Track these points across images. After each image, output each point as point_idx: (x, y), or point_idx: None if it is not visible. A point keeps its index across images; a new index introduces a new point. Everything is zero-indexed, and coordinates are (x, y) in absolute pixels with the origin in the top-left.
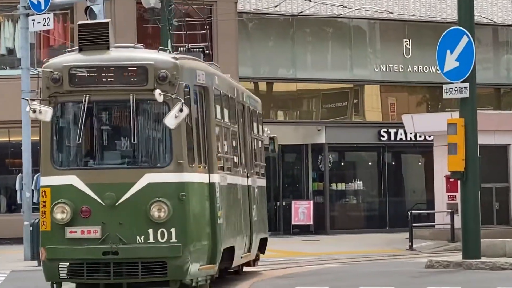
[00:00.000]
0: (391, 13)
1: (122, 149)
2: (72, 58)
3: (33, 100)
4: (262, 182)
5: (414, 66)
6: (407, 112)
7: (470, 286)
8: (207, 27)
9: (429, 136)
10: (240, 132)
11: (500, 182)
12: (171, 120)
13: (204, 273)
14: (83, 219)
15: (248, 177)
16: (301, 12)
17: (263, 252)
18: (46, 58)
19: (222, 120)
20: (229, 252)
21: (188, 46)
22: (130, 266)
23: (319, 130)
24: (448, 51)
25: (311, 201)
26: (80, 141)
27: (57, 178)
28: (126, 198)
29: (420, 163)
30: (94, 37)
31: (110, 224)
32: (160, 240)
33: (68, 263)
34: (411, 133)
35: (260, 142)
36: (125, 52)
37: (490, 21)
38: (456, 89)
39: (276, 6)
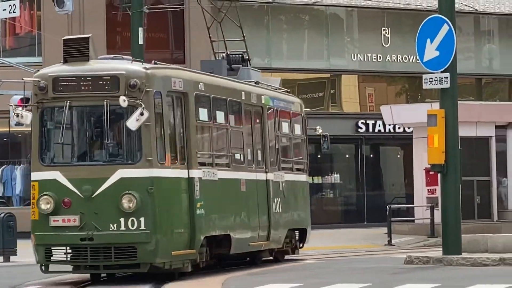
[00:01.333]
0: (369, 0)
1: (98, 148)
2: (56, 69)
3: (17, 106)
4: (295, 177)
5: (393, 56)
6: (385, 103)
7: (450, 283)
8: (244, 36)
9: (409, 128)
10: (251, 131)
11: (482, 175)
12: (132, 122)
13: (181, 258)
14: (64, 209)
15: (266, 172)
16: None
17: (303, 243)
18: (36, 70)
19: (211, 121)
20: (226, 239)
21: (227, 52)
22: (104, 250)
23: None
24: (428, 40)
25: None
26: (62, 141)
27: (43, 174)
28: (101, 191)
29: (399, 156)
30: (76, 50)
31: (87, 214)
32: (130, 227)
33: (53, 248)
34: (389, 125)
35: (298, 140)
36: (102, 64)
37: (471, 9)
38: (436, 79)
39: None
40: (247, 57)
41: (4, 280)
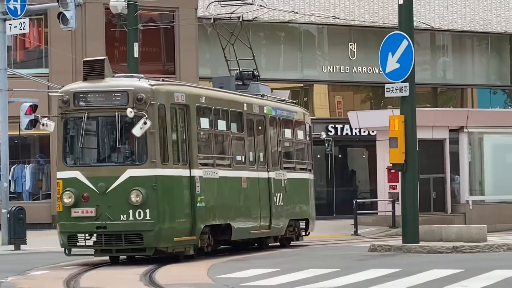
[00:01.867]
0: (338, 18)
1: (111, 152)
2: (77, 85)
3: (44, 116)
4: (298, 175)
5: (359, 67)
6: (352, 109)
7: (409, 268)
8: (254, 55)
9: (373, 131)
10: (253, 137)
11: (437, 173)
12: (137, 130)
13: (183, 243)
14: (83, 203)
15: (268, 171)
16: (256, 17)
17: (307, 232)
18: (61, 86)
19: (212, 129)
20: (228, 228)
21: (240, 70)
22: (116, 237)
23: None
24: (390, 54)
25: None
26: (81, 145)
27: (66, 173)
28: (113, 187)
29: (364, 156)
30: (94, 70)
31: (102, 206)
32: (137, 218)
33: (74, 235)
34: (356, 129)
35: (301, 144)
36: (115, 81)
37: (428, 26)
38: (397, 88)
39: (232, 12)
40: (257, 74)
41: (16, 266)
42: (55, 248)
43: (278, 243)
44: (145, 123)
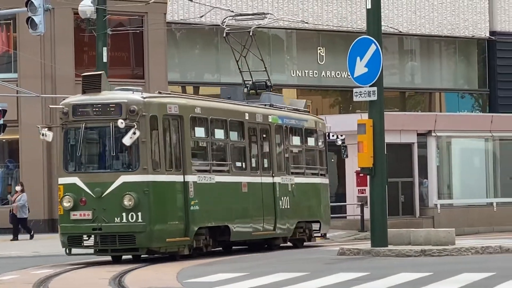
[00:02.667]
0: (307, 23)
1: (106, 159)
2: (76, 98)
3: (44, 127)
4: (308, 180)
5: (327, 72)
6: (321, 114)
7: (378, 272)
8: (265, 67)
9: (341, 135)
10: (256, 144)
11: (405, 177)
12: (127, 139)
13: (176, 243)
14: (81, 206)
15: (273, 176)
16: (224, 21)
17: (320, 233)
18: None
19: (209, 137)
20: (228, 229)
21: (253, 80)
22: (111, 238)
23: None
24: (358, 58)
25: None
26: (79, 154)
27: (66, 179)
28: (108, 192)
29: (333, 160)
30: (91, 84)
31: (98, 210)
32: (130, 220)
33: (73, 236)
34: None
35: (313, 150)
36: (111, 94)
37: (396, 30)
38: (365, 92)
39: (201, 17)
40: (269, 84)
41: None
42: (23, 253)
43: (289, 244)
44: (134, 133)
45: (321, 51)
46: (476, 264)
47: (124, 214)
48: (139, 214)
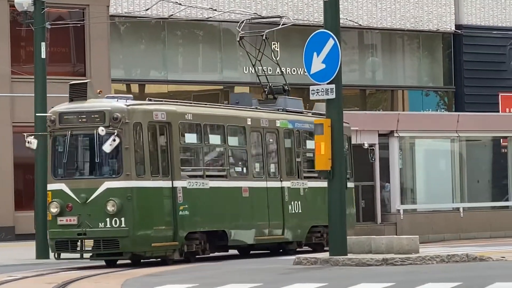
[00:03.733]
0: (260, 16)
1: (91, 166)
2: (63, 107)
3: (30, 135)
4: (322, 184)
5: (282, 68)
6: None
7: (336, 282)
8: (282, 70)
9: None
10: (261, 149)
11: (366, 180)
12: (106, 146)
13: (164, 248)
14: (67, 212)
15: (281, 181)
16: (172, 15)
17: None
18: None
19: (202, 143)
20: (225, 234)
21: (269, 85)
22: (95, 242)
23: None
24: (315, 54)
25: None
26: (65, 160)
27: (54, 185)
28: (93, 198)
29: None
30: (78, 92)
31: (83, 215)
32: (114, 225)
33: (60, 241)
34: None
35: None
36: (96, 102)
37: (355, 24)
38: (322, 90)
39: (147, 10)
40: (287, 88)
41: None
42: None
43: (307, 248)
44: (114, 140)
45: (275, 46)
46: (442, 274)
47: (108, 219)
48: (123, 219)
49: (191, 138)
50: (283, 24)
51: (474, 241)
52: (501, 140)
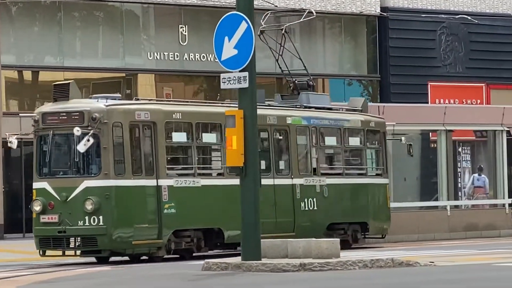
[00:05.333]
0: None
1: (71, 165)
2: (47, 107)
3: (13, 134)
4: (348, 180)
5: (190, 54)
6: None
7: None
8: (305, 66)
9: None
10: (268, 146)
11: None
12: (81, 146)
13: (147, 246)
14: (49, 210)
15: (292, 178)
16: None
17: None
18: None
19: (193, 142)
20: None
21: (292, 79)
22: (75, 240)
23: None
24: (226, 38)
25: None
26: (47, 159)
27: (38, 184)
28: (73, 197)
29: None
30: (61, 92)
31: (64, 213)
32: (92, 224)
33: (43, 238)
34: None
35: (356, 149)
36: (76, 103)
37: (271, 5)
38: (234, 78)
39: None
40: (311, 84)
41: None
42: None
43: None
44: (88, 140)
45: (183, 30)
46: (364, 280)
47: (86, 217)
48: (101, 217)
49: (179, 137)
50: (305, 18)
51: (401, 244)
52: (430, 134)
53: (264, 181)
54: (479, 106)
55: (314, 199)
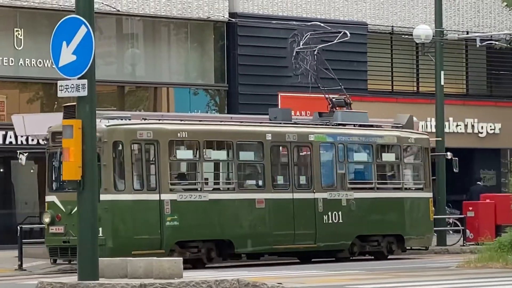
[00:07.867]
0: None
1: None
2: (56, 127)
3: (21, 153)
4: (376, 195)
5: (26, 60)
6: (18, 112)
7: None
8: (341, 85)
9: (43, 140)
10: (287, 162)
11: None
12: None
13: (146, 256)
14: (57, 222)
15: (314, 192)
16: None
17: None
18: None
19: (200, 158)
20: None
21: (330, 97)
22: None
23: None
24: (64, 43)
25: None
26: (57, 175)
27: (49, 197)
28: (76, 209)
29: (32, 171)
30: (70, 113)
31: (69, 225)
32: None
33: (52, 248)
34: (22, 136)
35: (389, 165)
36: None
37: (113, 9)
38: (72, 86)
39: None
40: (348, 101)
41: None
42: None
43: (368, 256)
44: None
45: (18, 34)
46: None
47: None
48: (100, 229)
49: (185, 154)
50: (339, 39)
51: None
52: None
53: (283, 195)
54: None
55: (339, 212)
